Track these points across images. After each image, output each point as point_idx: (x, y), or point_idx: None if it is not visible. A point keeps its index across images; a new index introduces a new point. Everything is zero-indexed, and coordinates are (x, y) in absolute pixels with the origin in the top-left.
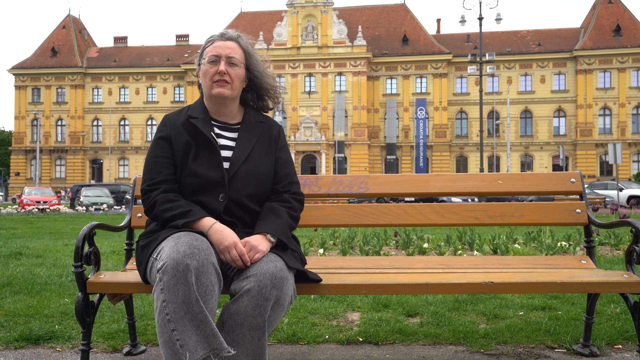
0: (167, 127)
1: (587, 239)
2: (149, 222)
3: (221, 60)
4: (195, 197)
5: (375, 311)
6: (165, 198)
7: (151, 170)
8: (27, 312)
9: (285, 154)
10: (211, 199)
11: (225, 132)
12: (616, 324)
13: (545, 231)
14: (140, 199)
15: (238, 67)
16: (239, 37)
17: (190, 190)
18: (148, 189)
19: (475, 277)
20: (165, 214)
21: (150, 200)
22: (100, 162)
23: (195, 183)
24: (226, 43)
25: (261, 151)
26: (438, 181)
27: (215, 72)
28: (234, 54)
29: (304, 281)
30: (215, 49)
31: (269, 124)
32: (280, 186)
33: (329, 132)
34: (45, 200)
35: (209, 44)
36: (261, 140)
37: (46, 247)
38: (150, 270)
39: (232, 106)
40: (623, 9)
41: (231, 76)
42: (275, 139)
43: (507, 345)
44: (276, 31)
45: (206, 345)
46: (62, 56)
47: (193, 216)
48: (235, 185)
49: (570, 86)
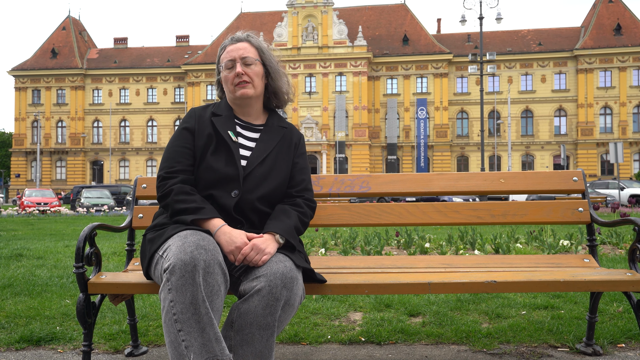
0: (193, 119)
1: (590, 238)
2: (156, 215)
3: (237, 63)
4: (209, 191)
5: (377, 311)
6: (181, 189)
7: (171, 159)
8: (28, 313)
9: (303, 160)
10: (223, 194)
11: (247, 132)
12: (619, 323)
13: (547, 230)
14: (156, 185)
15: (254, 65)
16: (248, 36)
17: (204, 183)
18: (166, 176)
19: (478, 277)
20: (177, 205)
21: (166, 188)
22: (101, 164)
23: (211, 177)
24: (237, 45)
25: (279, 155)
26: (440, 180)
27: (234, 75)
28: (247, 54)
29: (310, 281)
30: (228, 54)
31: (291, 130)
32: (295, 191)
33: (330, 132)
34: (46, 202)
35: (222, 52)
36: (280, 145)
37: (47, 248)
38: (155, 266)
39: (256, 106)
40: (624, 8)
41: (250, 75)
42: (296, 146)
43: (510, 345)
44: (276, 32)
45: (210, 349)
46: (62, 57)
47: (204, 214)
48: (249, 185)
49: (571, 85)
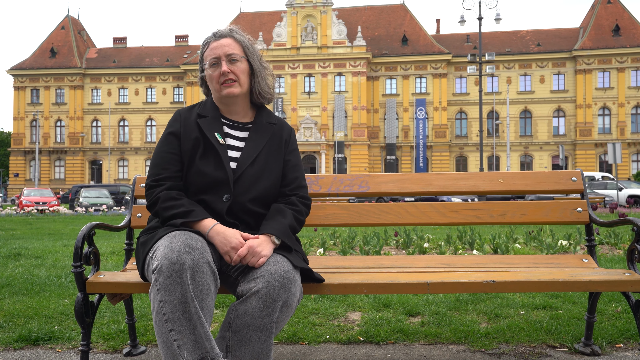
0: (178, 122)
1: (589, 238)
2: (150, 218)
3: (222, 61)
4: (200, 196)
5: (376, 311)
6: (168, 195)
7: (157, 166)
8: (27, 312)
9: (295, 157)
10: (215, 199)
11: (236, 132)
12: (617, 323)
13: (546, 230)
14: (144, 194)
15: (240, 62)
16: (232, 31)
17: (195, 188)
18: (152, 184)
19: (476, 276)
20: (166, 212)
21: (154, 197)
22: (100, 163)
23: (201, 182)
24: (221, 41)
25: (270, 154)
26: (439, 180)
27: (220, 74)
28: (232, 50)
29: (308, 281)
30: (212, 51)
31: (280, 126)
32: (289, 189)
33: (329, 132)
34: (45, 202)
35: (206, 48)
36: (271, 143)
37: (45, 247)
38: (147, 268)
39: (242, 103)
40: (622, 9)
41: (236, 73)
42: (286, 143)
43: (508, 345)
44: (276, 31)
45: (202, 346)
46: (61, 57)
47: (194, 217)
48: (241, 187)
49: (569, 86)
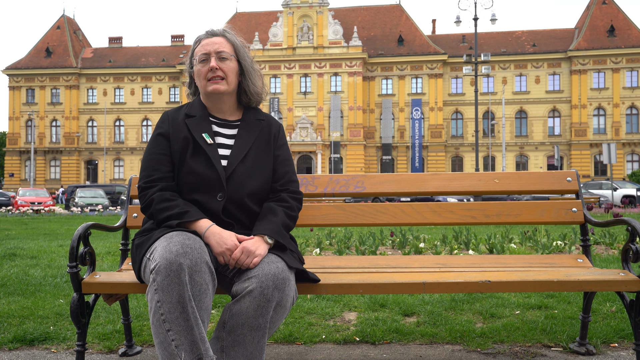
0: (166, 123)
1: (584, 238)
2: (145, 220)
3: (211, 57)
4: (193, 196)
5: (371, 311)
6: (162, 197)
7: (149, 168)
8: (22, 313)
9: (284, 152)
10: (209, 198)
11: (225, 130)
12: (612, 323)
13: (541, 230)
14: (137, 196)
15: (229, 61)
16: (225, 31)
17: (188, 188)
18: (145, 186)
19: (472, 276)
20: (161, 213)
21: (147, 199)
22: (95, 163)
23: (193, 181)
24: (213, 39)
25: (259, 150)
26: (435, 180)
27: (208, 70)
28: (222, 48)
29: (304, 281)
30: (203, 48)
31: (269, 122)
32: (279, 185)
33: (325, 132)
34: (40, 202)
35: (197, 44)
36: (260, 139)
37: (41, 248)
38: (144, 269)
39: (229, 102)
40: (617, 10)
41: (224, 71)
42: (275, 138)
43: (503, 344)
44: (272, 32)
45: (199, 347)
46: (56, 57)
47: (189, 217)
48: (234, 185)
49: (564, 86)
